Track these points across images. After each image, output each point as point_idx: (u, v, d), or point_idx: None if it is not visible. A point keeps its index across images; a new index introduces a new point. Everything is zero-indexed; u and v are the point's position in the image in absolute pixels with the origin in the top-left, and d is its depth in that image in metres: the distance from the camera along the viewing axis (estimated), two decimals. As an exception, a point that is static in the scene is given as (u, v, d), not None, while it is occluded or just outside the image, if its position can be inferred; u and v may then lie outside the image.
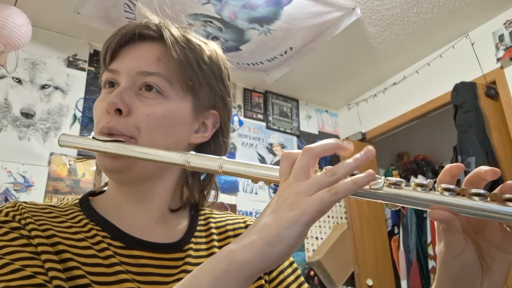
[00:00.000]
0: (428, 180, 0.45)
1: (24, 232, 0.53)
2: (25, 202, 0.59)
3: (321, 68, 3.23)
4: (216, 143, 0.69)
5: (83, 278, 0.52)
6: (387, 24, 2.74)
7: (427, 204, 0.44)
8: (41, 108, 2.53)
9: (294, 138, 3.56)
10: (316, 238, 3.28)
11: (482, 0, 2.55)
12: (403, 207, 3.53)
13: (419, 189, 0.44)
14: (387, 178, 0.45)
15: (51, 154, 2.45)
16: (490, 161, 2.43)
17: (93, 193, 0.68)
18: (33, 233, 0.53)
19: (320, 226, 3.33)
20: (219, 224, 0.70)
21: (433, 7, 2.60)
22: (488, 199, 0.43)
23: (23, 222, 0.54)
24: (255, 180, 0.51)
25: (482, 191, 0.43)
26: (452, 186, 0.44)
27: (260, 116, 3.45)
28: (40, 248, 0.51)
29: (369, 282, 3.05)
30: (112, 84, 0.63)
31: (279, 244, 0.41)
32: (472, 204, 0.42)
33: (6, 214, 0.55)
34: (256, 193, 3.13)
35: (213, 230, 0.68)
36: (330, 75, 3.35)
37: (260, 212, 0.47)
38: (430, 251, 2.94)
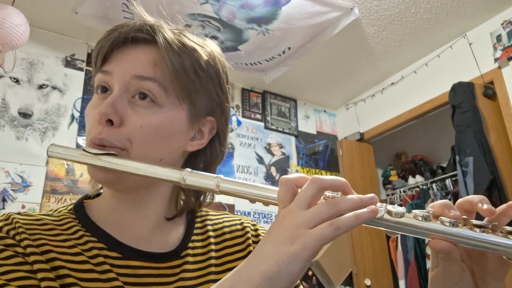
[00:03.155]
0: (428, 209, 0.45)
1: (19, 250, 0.51)
2: (19, 214, 0.57)
3: (319, 68, 3.23)
4: (213, 150, 0.67)
5: None
6: (385, 24, 2.74)
7: (427, 234, 0.44)
8: (39, 108, 2.52)
9: (292, 138, 3.56)
10: (314, 238, 3.28)
11: (479, 0, 2.56)
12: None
13: (419, 218, 0.44)
14: (387, 207, 0.45)
15: (49, 154, 2.44)
16: (487, 161, 2.44)
17: (89, 197, 0.66)
18: (28, 250, 0.51)
19: (318, 226, 3.33)
20: (216, 227, 0.70)
21: (431, 7, 2.60)
22: (490, 230, 0.43)
23: (17, 238, 0.53)
24: (252, 200, 0.50)
25: (484, 223, 0.43)
26: (454, 219, 0.44)
27: (258, 116, 3.45)
28: (36, 266, 0.50)
29: (367, 282, 3.05)
30: (104, 89, 0.60)
31: (279, 280, 0.40)
32: (474, 236, 0.42)
33: (0, 230, 0.53)
34: (254, 193, 3.13)
35: (210, 233, 0.68)
36: (328, 75, 3.35)
37: (259, 212, 0.46)
38: (428, 251, 2.94)
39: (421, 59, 3.14)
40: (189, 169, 0.53)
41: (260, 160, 3.31)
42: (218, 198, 2.96)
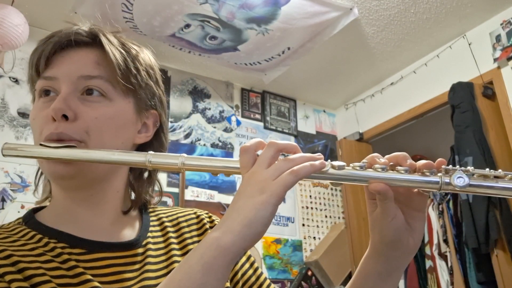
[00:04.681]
0: (363, 161, 0.54)
1: None
2: None
3: (318, 68, 3.23)
4: (158, 142, 0.71)
5: None
6: (384, 24, 2.74)
7: (367, 179, 0.53)
8: (38, 108, 2.52)
9: (292, 138, 3.56)
10: (314, 238, 3.28)
11: (479, 0, 2.56)
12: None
13: (357, 168, 0.53)
14: (331, 162, 0.53)
15: (48, 154, 2.44)
16: (487, 161, 2.44)
17: (36, 210, 0.66)
18: None
19: (317, 226, 3.34)
20: (170, 218, 0.73)
21: (431, 7, 2.60)
22: (411, 171, 0.53)
23: None
24: (215, 173, 0.55)
25: (406, 167, 0.53)
26: (383, 165, 0.53)
27: (257, 116, 3.45)
28: (1, 270, 0.50)
29: (367, 281, 3.05)
30: (48, 92, 0.62)
31: (256, 224, 0.46)
32: (400, 177, 0.52)
33: None
34: (253, 193, 3.13)
35: (167, 224, 0.71)
36: (328, 75, 3.35)
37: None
38: (427, 251, 2.94)
39: (421, 59, 3.14)
40: (152, 152, 0.56)
41: (260, 160, 3.30)
42: (218, 198, 2.96)
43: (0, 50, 2.34)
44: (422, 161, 0.54)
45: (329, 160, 0.53)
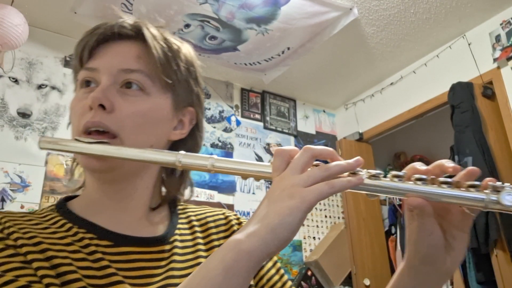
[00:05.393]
0: (403, 171, 0.50)
1: (10, 242, 0.52)
2: (2, 212, 0.58)
3: (318, 68, 3.23)
4: (193, 139, 0.70)
5: (79, 281, 0.51)
6: (384, 24, 2.74)
7: (404, 193, 0.49)
8: (38, 108, 2.52)
9: (292, 138, 3.56)
10: (314, 238, 3.28)
11: (479, 0, 2.56)
12: (400, 206, 3.54)
13: (395, 179, 0.49)
14: (368, 170, 0.49)
15: (48, 154, 2.44)
16: (486, 161, 2.44)
17: (68, 198, 0.67)
18: (19, 242, 0.52)
19: (317, 226, 3.34)
20: (199, 217, 0.72)
21: (430, 7, 2.60)
22: (454, 186, 0.49)
23: (6, 232, 0.53)
24: (244, 176, 0.53)
25: (449, 180, 0.48)
26: (424, 176, 0.49)
27: (257, 116, 3.45)
28: (29, 257, 0.51)
29: (366, 282, 3.05)
30: (89, 83, 0.62)
31: (281, 230, 0.44)
32: (441, 191, 0.48)
33: None
34: (253, 193, 3.13)
35: (195, 223, 0.70)
36: (328, 75, 3.35)
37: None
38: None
39: (420, 59, 3.14)
40: (183, 152, 0.55)
41: (259, 160, 3.31)
42: (217, 198, 2.96)
43: (0, 50, 2.34)
44: (463, 171, 0.50)
45: (365, 170, 0.50)
